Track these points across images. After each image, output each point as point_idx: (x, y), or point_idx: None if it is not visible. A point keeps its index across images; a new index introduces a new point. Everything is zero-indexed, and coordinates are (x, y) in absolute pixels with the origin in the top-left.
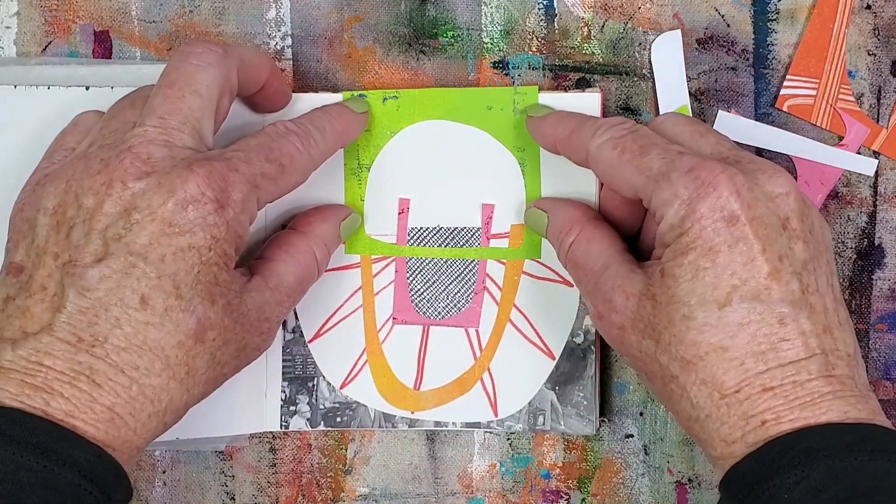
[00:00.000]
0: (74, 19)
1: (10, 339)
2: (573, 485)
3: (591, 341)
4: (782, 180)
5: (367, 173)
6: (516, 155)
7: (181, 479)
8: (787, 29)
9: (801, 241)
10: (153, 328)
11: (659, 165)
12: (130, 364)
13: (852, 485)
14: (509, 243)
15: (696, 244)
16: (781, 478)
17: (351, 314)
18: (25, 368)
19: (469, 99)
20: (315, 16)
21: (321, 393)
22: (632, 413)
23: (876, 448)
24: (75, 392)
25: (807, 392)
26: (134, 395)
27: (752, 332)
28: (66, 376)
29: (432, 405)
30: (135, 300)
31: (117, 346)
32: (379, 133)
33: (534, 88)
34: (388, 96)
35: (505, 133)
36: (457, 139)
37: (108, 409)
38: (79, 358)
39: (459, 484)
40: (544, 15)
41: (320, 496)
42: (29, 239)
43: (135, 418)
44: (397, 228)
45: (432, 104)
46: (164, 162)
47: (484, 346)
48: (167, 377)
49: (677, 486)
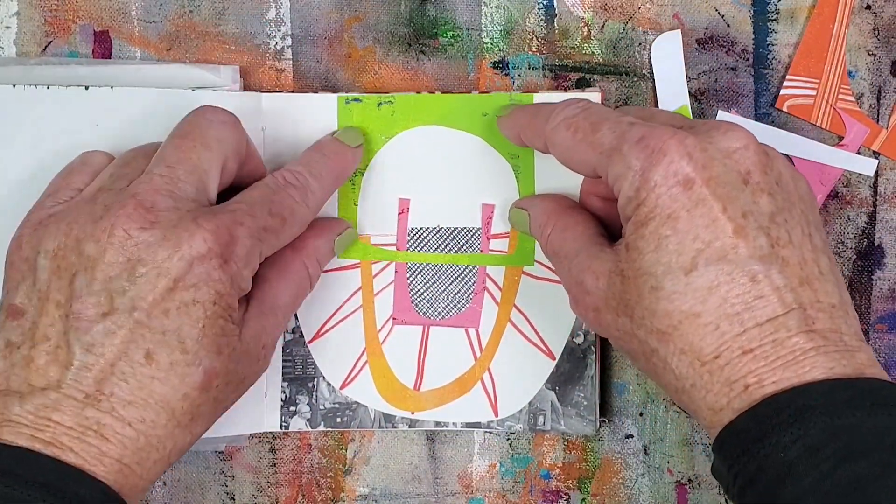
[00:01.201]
0: (74, 19)
1: (16, 393)
2: (573, 485)
3: (592, 341)
4: (738, 134)
5: (361, 177)
6: (510, 161)
7: (181, 479)
8: (787, 29)
9: (765, 193)
10: (158, 382)
11: (610, 140)
12: (137, 418)
13: (851, 442)
14: (509, 244)
15: (654, 213)
16: (777, 436)
17: (351, 315)
18: (34, 423)
19: (464, 105)
20: (315, 16)
21: (321, 393)
22: (632, 413)
23: (875, 402)
24: (84, 446)
25: (788, 350)
26: (141, 446)
27: (722, 294)
28: (75, 431)
29: (432, 405)
30: (139, 355)
31: (123, 400)
32: (373, 138)
33: (529, 96)
34: (384, 101)
35: (499, 139)
36: (451, 145)
37: (117, 461)
38: (86, 413)
39: (459, 484)
40: (544, 15)
41: (320, 496)
42: (30, 281)
43: (142, 466)
44: (397, 229)
45: (427, 110)
46: (169, 213)
47: (484, 347)
48: (172, 427)
49: (677, 486)
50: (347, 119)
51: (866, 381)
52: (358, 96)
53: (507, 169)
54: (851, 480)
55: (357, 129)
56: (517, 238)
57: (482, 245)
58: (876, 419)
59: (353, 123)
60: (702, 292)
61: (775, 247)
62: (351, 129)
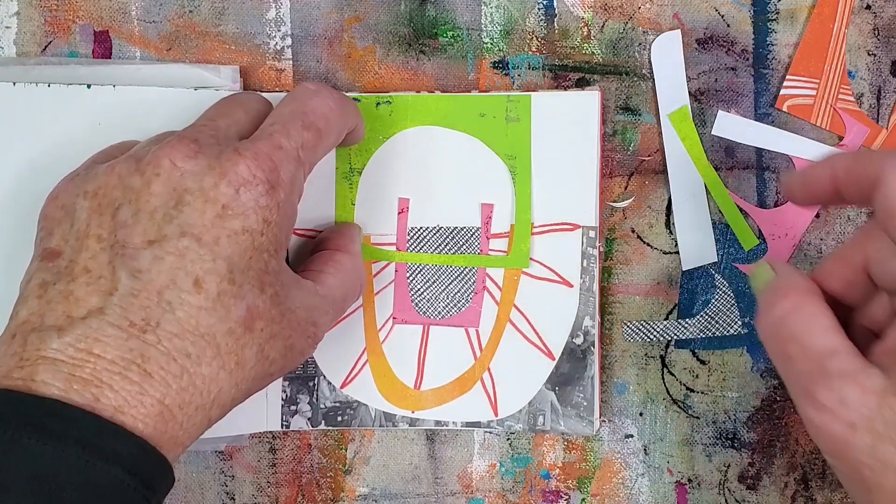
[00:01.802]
0: (74, 19)
1: (55, 327)
2: (573, 485)
3: (591, 342)
4: None
5: (359, 177)
6: (507, 163)
7: (181, 478)
8: (786, 29)
9: None
10: (205, 313)
11: None
12: (182, 351)
13: None
14: (508, 243)
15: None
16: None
17: (351, 314)
18: (73, 359)
19: (462, 106)
20: (315, 16)
21: (322, 392)
22: (632, 413)
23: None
24: (125, 384)
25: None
26: (184, 385)
27: None
28: (117, 366)
29: (432, 405)
30: (188, 283)
31: (169, 332)
32: (371, 137)
33: (527, 96)
34: (382, 101)
35: (496, 141)
36: (448, 145)
37: (159, 401)
38: (130, 344)
39: (459, 484)
40: (544, 15)
41: (320, 496)
42: (66, 224)
43: (183, 411)
44: (397, 229)
45: (425, 110)
46: (212, 147)
47: (484, 346)
48: (217, 366)
49: (677, 486)
50: None
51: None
52: (357, 96)
53: (503, 170)
54: None
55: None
56: (513, 239)
57: (482, 245)
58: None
59: None
60: None
61: None
62: None
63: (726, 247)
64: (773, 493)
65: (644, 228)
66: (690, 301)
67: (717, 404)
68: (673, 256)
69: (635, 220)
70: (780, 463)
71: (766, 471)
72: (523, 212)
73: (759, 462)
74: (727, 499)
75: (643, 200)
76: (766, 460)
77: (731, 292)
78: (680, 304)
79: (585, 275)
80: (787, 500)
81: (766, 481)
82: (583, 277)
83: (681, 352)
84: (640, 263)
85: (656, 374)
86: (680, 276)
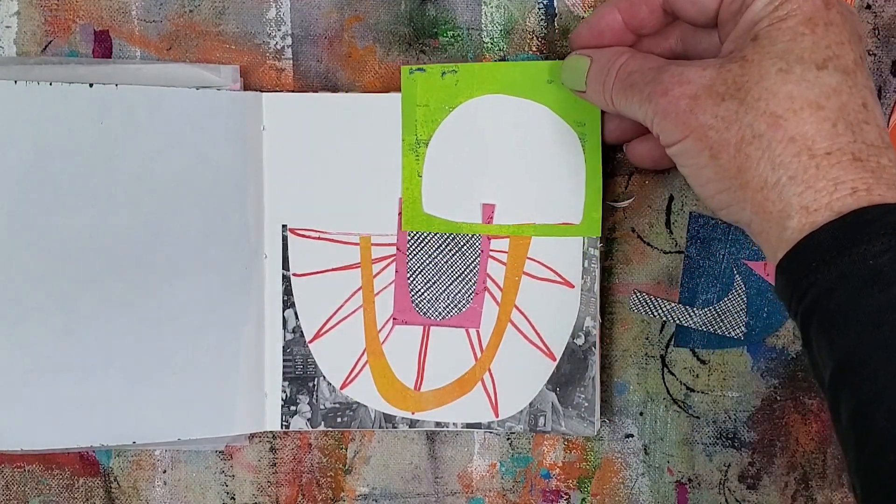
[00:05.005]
0: (74, 19)
1: None
2: (573, 484)
3: (592, 343)
4: None
5: (426, 148)
6: (576, 130)
7: (181, 478)
8: None
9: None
10: None
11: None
12: None
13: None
14: (509, 244)
15: (796, 12)
16: (867, 245)
17: (351, 314)
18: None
19: (529, 73)
20: (315, 15)
21: (322, 393)
22: (632, 413)
23: None
24: None
25: (890, 175)
26: None
27: (843, 100)
28: None
29: (433, 406)
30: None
31: None
32: (437, 108)
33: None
34: (447, 70)
35: (565, 108)
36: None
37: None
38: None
39: (459, 483)
40: (544, 15)
41: (320, 496)
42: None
43: None
44: (398, 229)
45: (491, 78)
46: None
47: (485, 347)
48: None
49: (677, 485)
50: (412, 89)
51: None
52: (422, 66)
53: (573, 137)
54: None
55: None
56: (586, 207)
57: (482, 245)
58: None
59: (417, 93)
60: (827, 89)
61: (873, 93)
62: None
63: (747, 247)
64: (773, 492)
65: (644, 228)
66: (691, 301)
67: (717, 404)
68: (673, 256)
69: (635, 219)
70: (780, 462)
71: (767, 470)
72: (594, 179)
73: (759, 462)
74: (727, 498)
75: (643, 200)
76: (766, 460)
77: (745, 296)
78: (680, 304)
79: (586, 275)
80: (787, 500)
81: (766, 481)
82: (584, 278)
83: (681, 351)
84: (641, 263)
85: (656, 374)
86: (681, 276)
